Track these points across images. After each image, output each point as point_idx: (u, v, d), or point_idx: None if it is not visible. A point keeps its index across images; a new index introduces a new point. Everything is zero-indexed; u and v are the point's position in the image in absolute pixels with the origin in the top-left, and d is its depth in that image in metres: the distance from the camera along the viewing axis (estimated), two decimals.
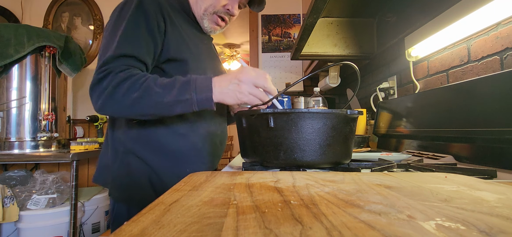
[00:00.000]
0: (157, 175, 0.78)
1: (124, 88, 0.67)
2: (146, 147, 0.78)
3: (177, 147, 0.80)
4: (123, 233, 0.19)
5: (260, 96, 0.69)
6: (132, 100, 0.67)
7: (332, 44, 1.53)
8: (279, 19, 2.53)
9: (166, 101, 0.67)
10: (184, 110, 0.69)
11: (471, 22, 0.86)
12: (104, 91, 0.67)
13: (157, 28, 0.75)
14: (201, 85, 0.69)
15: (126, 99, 0.67)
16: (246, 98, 0.69)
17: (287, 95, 1.90)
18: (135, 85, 0.67)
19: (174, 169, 0.79)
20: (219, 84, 0.69)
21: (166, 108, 0.68)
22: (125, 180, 0.78)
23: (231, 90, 0.69)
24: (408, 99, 1.08)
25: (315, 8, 1.04)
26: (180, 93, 0.68)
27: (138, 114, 0.69)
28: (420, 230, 0.20)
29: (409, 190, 0.33)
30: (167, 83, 0.69)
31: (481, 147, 0.72)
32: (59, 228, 1.69)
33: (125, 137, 0.79)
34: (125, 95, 0.67)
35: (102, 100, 0.68)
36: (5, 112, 1.75)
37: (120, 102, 0.67)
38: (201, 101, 0.68)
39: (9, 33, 1.69)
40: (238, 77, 0.69)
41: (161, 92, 0.67)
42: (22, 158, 1.70)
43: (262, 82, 0.69)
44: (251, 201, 0.28)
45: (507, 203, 0.27)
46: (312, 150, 0.53)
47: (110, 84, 0.67)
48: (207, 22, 0.88)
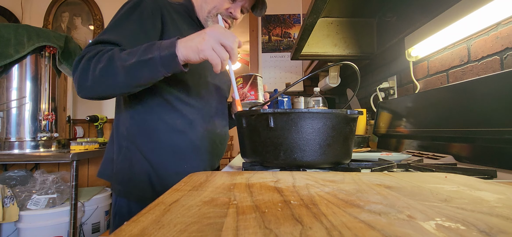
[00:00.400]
0: (156, 170, 0.79)
1: (94, 61, 0.66)
2: (146, 142, 0.80)
3: (176, 144, 0.81)
4: (123, 233, 0.19)
5: (222, 55, 0.64)
6: (99, 70, 0.65)
7: (332, 44, 1.53)
8: (279, 19, 2.53)
9: (129, 64, 0.64)
10: (151, 74, 0.65)
11: (471, 22, 0.86)
12: (79, 72, 0.67)
13: (153, 27, 0.76)
14: (166, 43, 0.65)
15: (95, 70, 0.65)
16: (208, 52, 0.63)
17: (287, 95, 1.90)
18: (102, 57, 0.66)
19: (173, 165, 0.80)
20: (185, 40, 0.65)
21: (132, 72, 0.65)
22: (126, 174, 0.80)
23: (195, 43, 0.64)
24: (408, 99, 1.08)
25: (315, 8, 1.04)
26: (143, 53, 0.65)
27: (109, 86, 0.67)
28: (420, 230, 0.20)
29: (409, 190, 0.33)
30: (133, 49, 0.67)
31: (481, 147, 0.72)
32: (59, 228, 1.69)
33: (128, 133, 0.81)
34: (94, 67, 0.66)
35: (78, 80, 0.68)
36: (5, 112, 1.75)
37: (91, 75, 0.66)
38: (165, 58, 0.64)
39: (9, 33, 1.69)
40: (206, 31, 0.65)
41: (125, 57, 0.65)
42: (22, 158, 1.70)
43: (230, 42, 0.64)
44: (251, 201, 0.28)
45: (507, 203, 0.27)
46: (312, 150, 0.53)
47: (83, 63, 0.67)
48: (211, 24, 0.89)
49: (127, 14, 0.75)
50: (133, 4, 0.76)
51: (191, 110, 0.84)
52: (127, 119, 0.82)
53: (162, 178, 0.79)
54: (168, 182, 0.78)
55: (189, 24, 0.89)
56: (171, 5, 0.86)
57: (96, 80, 0.66)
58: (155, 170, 0.79)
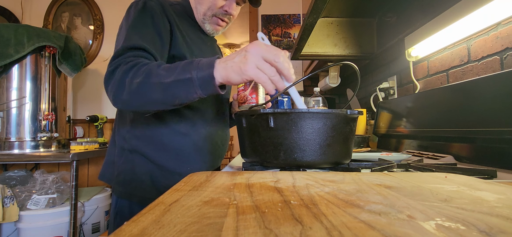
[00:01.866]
0: (160, 172, 0.80)
1: (130, 75, 0.65)
2: (149, 145, 0.80)
3: (179, 146, 0.82)
4: (123, 233, 0.19)
5: (269, 72, 0.58)
6: (136, 85, 0.64)
7: (332, 44, 1.53)
8: (279, 19, 2.53)
9: (167, 82, 0.62)
10: (187, 94, 0.63)
11: (471, 22, 0.86)
12: (115, 83, 0.66)
13: (164, 26, 0.77)
14: (204, 63, 0.62)
15: (132, 85, 0.64)
16: (252, 72, 0.57)
17: (287, 95, 1.90)
18: (140, 70, 0.65)
19: (176, 167, 0.81)
20: (225, 60, 0.61)
21: (169, 91, 0.63)
22: (128, 176, 0.80)
23: (236, 63, 0.59)
24: (408, 99, 1.08)
25: (315, 8, 1.04)
26: (182, 72, 0.62)
27: (145, 102, 0.65)
28: (420, 230, 0.20)
29: (409, 190, 0.33)
30: (171, 65, 0.65)
31: (481, 147, 0.72)
32: (59, 228, 1.69)
33: (130, 136, 0.81)
34: (131, 82, 0.64)
35: (113, 91, 0.66)
36: (5, 112, 1.75)
37: (127, 90, 0.65)
38: (203, 79, 0.61)
39: (9, 33, 1.69)
40: (246, 49, 0.60)
41: (163, 74, 0.63)
42: (22, 158, 1.70)
43: (273, 56, 0.58)
44: (251, 201, 0.28)
45: (507, 203, 0.27)
46: (312, 150, 0.53)
47: (119, 74, 0.66)
48: (208, 25, 0.89)
49: (139, 18, 0.74)
50: (140, 7, 0.75)
51: (193, 112, 0.84)
52: (128, 122, 0.83)
53: (165, 179, 0.80)
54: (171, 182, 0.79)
55: (188, 23, 0.89)
56: (170, 5, 0.86)
57: (133, 95, 0.64)
58: (160, 172, 0.80)
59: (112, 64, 0.68)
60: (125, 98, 0.65)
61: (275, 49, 0.59)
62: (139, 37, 0.71)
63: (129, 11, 0.77)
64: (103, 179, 0.86)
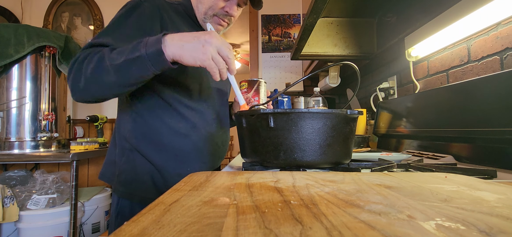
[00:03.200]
0: (160, 173, 0.80)
1: (86, 62, 0.66)
2: (149, 145, 0.80)
3: (179, 147, 0.82)
4: (123, 233, 0.19)
5: (221, 66, 0.64)
6: (90, 71, 0.65)
7: (332, 44, 1.53)
8: (279, 19, 2.53)
9: (118, 63, 0.63)
10: (140, 71, 0.64)
11: (471, 22, 0.86)
12: (71, 75, 0.68)
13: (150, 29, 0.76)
14: (152, 40, 0.64)
15: (87, 71, 0.65)
16: (208, 62, 0.63)
17: (287, 95, 1.90)
18: (93, 57, 0.66)
19: (176, 168, 0.81)
20: (180, 39, 0.64)
21: (122, 71, 0.64)
22: (129, 176, 0.80)
23: (194, 48, 0.63)
24: (408, 99, 1.08)
25: (315, 8, 1.04)
26: (131, 51, 0.64)
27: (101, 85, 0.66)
28: (420, 230, 0.20)
29: (409, 190, 0.33)
30: (122, 48, 0.66)
31: (481, 147, 0.72)
32: (59, 228, 1.69)
33: (131, 136, 0.82)
34: (86, 69, 0.66)
35: (71, 83, 0.68)
36: (5, 112, 1.75)
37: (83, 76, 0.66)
38: (152, 56, 0.62)
39: (9, 33, 1.69)
40: (205, 38, 0.64)
41: (114, 56, 0.64)
42: (22, 158, 1.70)
43: (227, 52, 0.65)
44: (251, 201, 0.28)
45: (507, 203, 0.27)
46: (312, 150, 0.53)
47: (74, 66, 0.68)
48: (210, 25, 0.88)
49: (124, 17, 0.75)
50: (131, 6, 0.76)
51: (194, 113, 0.84)
52: (129, 122, 0.83)
53: (165, 179, 0.80)
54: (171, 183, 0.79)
55: (189, 25, 0.89)
56: (171, 5, 0.85)
57: (88, 81, 0.66)
58: (160, 173, 0.80)
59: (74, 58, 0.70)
60: (82, 86, 0.66)
61: (228, 45, 0.66)
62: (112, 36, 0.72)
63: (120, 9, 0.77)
64: (103, 178, 0.86)
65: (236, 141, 5.60)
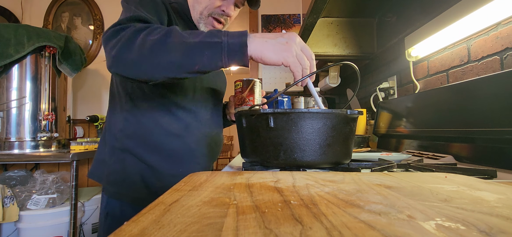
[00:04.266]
0: (152, 173, 0.79)
1: (144, 33, 0.59)
2: (142, 145, 0.79)
3: (172, 148, 0.81)
4: (123, 233, 0.19)
5: (305, 64, 0.61)
6: (151, 43, 0.58)
7: (332, 44, 1.53)
8: (279, 19, 2.53)
9: (191, 42, 0.58)
10: (210, 59, 0.59)
11: (471, 22, 0.86)
12: (121, 39, 0.60)
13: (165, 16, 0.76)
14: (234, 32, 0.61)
15: (145, 42, 0.58)
16: (292, 59, 0.60)
17: (287, 95, 1.90)
18: (156, 29, 0.60)
19: (169, 169, 0.80)
20: (262, 36, 0.61)
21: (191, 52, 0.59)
22: (119, 176, 0.79)
23: (278, 44, 0.60)
24: (408, 99, 1.08)
25: (315, 8, 1.04)
26: (209, 35, 0.60)
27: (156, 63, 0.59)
28: (420, 230, 0.20)
29: (409, 190, 0.33)
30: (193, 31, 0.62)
31: (481, 147, 0.72)
32: (59, 228, 1.69)
33: (122, 135, 0.80)
34: (144, 38, 0.59)
35: (119, 47, 0.59)
36: (5, 112, 1.75)
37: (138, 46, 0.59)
38: (233, 46, 0.59)
39: (9, 33, 1.69)
40: (289, 36, 0.61)
41: (186, 35, 0.60)
42: (22, 158, 1.70)
43: (310, 52, 0.62)
44: (251, 201, 0.28)
45: (507, 203, 0.27)
46: (312, 150, 0.53)
47: (128, 32, 0.60)
48: (204, 26, 0.86)
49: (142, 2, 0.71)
50: None
51: (187, 114, 0.83)
52: (120, 121, 0.81)
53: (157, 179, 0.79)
54: (163, 183, 0.79)
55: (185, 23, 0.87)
56: (169, 2, 0.84)
57: (145, 54, 0.58)
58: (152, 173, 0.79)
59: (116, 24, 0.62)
60: (132, 57, 0.59)
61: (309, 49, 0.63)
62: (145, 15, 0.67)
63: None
64: (92, 177, 0.85)
65: (236, 141, 5.60)
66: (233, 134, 5.81)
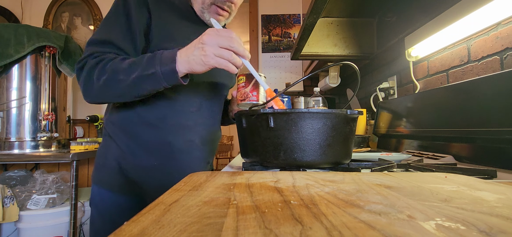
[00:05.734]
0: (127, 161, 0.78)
1: (96, 73, 0.69)
2: (121, 133, 0.80)
3: (147, 138, 0.78)
4: (123, 233, 0.19)
5: (229, 57, 0.64)
6: (103, 82, 0.68)
7: (332, 44, 1.53)
8: (279, 19, 2.53)
9: (132, 78, 0.66)
10: (154, 86, 0.67)
11: (471, 22, 0.86)
12: (83, 80, 0.71)
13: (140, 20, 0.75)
14: (166, 57, 0.66)
15: (99, 82, 0.68)
16: (213, 61, 0.63)
17: (287, 95, 1.90)
18: (104, 67, 0.68)
19: (144, 161, 0.78)
20: (185, 53, 0.65)
21: (134, 86, 0.67)
22: (101, 160, 0.82)
23: (196, 56, 0.64)
24: (408, 99, 1.08)
25: (315, 8, 1.04)
26: (146, 67, 0.66)
27: (115, 96, 0.70)
28: (420, 230, 0.20)
29: (409, 190, 0.33)
30: (135, 60, 0.68)
31: (481, 147, 0.72)
32: (59, 228, 1.69)
33: (108, 122, 0.83)
34: (97, 79, 0.68)
35: (82, 88, 0.72)
36: (5, 112, 1.75)
37: (94, 87, 0.69)
38: (167, 73, 0.65)
39: (9, 33, 1.69)
40: (201, 40, 0.64)
41: (127, 69, 0.67)
42: (22, 158, 1.70)
43: (228, 42, 0.63)
44: (251, 201, 0.28)
45: (507, 203, 0.27)
46: (312, 150, 0.53)
47: (86, 71, 0.70)
48: (208, 15, 0.83)
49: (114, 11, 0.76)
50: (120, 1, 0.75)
51: (166, 104, 0.79)
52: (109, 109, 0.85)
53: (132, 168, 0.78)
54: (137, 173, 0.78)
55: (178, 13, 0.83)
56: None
57: (101, 90, 0.69)
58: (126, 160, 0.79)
59: (80, 62, 0.72)
60: (94, 92, 0.70)
61: (227, 34, 0.64)
62: (107, 30, 0.74)
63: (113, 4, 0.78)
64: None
65: (236, 141, 5.60)
66: (233, 134, 5.81)
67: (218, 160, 5.37)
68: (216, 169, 4.57)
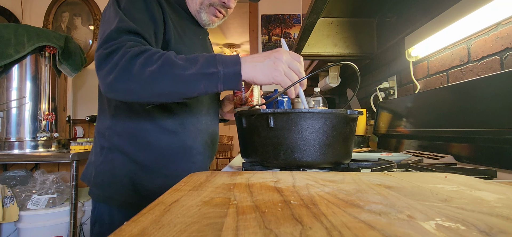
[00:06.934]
0: (143, 173, 0.75)
1: (140, 61, 0.60)
2: (133, 143, 0.75)
3: (166, 145, 0.77)
4: (123, 233, 0.19)
5: (293, 78, 0.64)
6: (150, 73, 0.59)
7: (332, 44, 1.53)
8: (279, 19, 2.53)
9: (188, 74, 0.60)
10: (207, 87, 0.61)
11: (471, 22, 0.86)
12: (117, 66, 0.59)
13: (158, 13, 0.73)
14: (228, 60, 0.63)
15: (143, 72, 0.59)
16: (281, 78, 0.63)
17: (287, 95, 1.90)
18: (152, 57, 0.60)
19: (162, 168, 0.76)
20: (252, 60, 0.63)
21: (189, 83, 0.60)
22: (107, 177, 0.74)
23: (266, 66, 0.63)
24: (408, 99, 1.08)
25: (315, 8, 1.04)
26: (205, 65, 0.61)
27: (156, 92, 0.61)
28: (420, 230, 0.20)
29: (409, 190, 0.33)
30: (190, 57, 0.63)
31: (481, 147, 0.72)
32: (59, 228, 1.69)
33: (111, 133, 0.76)
34: (142, 68, 0.59)
35: (115, 75, 0.59)
36: (5, 112, 1.75)
37: (136, 76, 0.59)
38: (228, 76, 0.61)
39: (9, 33, 1.69)
40: (275, 56, 0.64)
41: (183, 64, 0.60)
42: (22, 158, 1.70)
43: (298, 67, 0.65)
44: (251, 201, 0.28)
45: (507, 203, 0.27)
46: (312, 150, 0.53)
47: (123, 57, 0.59)
48: (205, 15, 0.85)
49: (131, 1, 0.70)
50: None
51: (182, 108, 0.79)
52: (108, 118, 0.77)
53: (149, 181, 0.75)
54: (156, 185, 0.75)
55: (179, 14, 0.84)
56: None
57: (143, 84, 0.60)
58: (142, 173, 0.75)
59: (107, 46, 0.61)
60: (131, 87, 0.60)
61: (298, 59, 0.66)
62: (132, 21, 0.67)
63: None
64: (84, 180, 0.81)
65: (236, 141, 5.60)
66: (233, 134, 5.80)
67: (218, 160, 5.37)
68: (216, 169, 4.57)
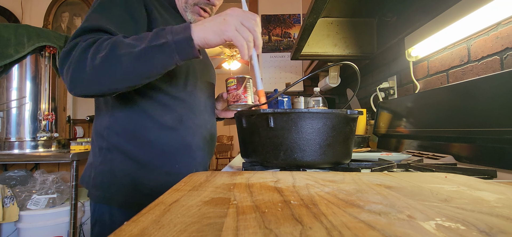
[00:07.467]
0: (144, 172, 0.74)
1: (92, 50, 0.58)
2: (132, 142, 0.73)
3: (166, 142, 0.76)
4: (123, 233, 0.19)
5: (247, 38, 0.60)
6: (101, 59, 0.57)
7: (332, 44, 1.53)
8: (279, 19, 2.53)
9: (139, 50, 0.57)
10: (164, 60, 0.59)
11: (471, 22, 0.86)
12: (72, 62, 0.59)
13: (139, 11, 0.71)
14: (178, 28, 0.60)
15: (95, 60, 0.57)
16: (232, 33, 0.59)
17: (287, 95, 1.90)
18: (102, 44, 0.58)
19: (163, 166, 0.75)
20: (202, 22, 0.61)
21: (142, 59, 0.58)
22: (107, 178, 0.73)
23: (216, 24, 0.59)
24: (408, 99, 1.08)
25: (315, 8, 1.04)
26: (155, 38, 0.58)
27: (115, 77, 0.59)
28: (420, 230, 0.20)
29: (409, 190, 0.33)
30: (140, 36, 0.61)
31: (481, 147, 0.72)
32: (59, 228, 1.69)
33: (109, 133, 0.74)
34: (93, 56, 0.57)
35: (72, 70, 0.59)
36: (5, 112, 1.75)
37: (89, 65, 0.57)
38: (180, 43, 0.58)
39: (9, 33, 1.69)
40: (226, 12, 0.61)
41: (132, 43, 0.58)
42: (22, 158, 1.70)
43: (252, 24, 0.61)
44: (251, 201, 0.28)
45: (507, 203, 0.27)
46: (312, 150, 0.53)
47: (77, 51, 0.59)
48: (190, 14, 0.84)
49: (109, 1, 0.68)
50: None
51: (181, 104, 0.78)
52: (106, 118, 0.76)
53: (150, 179, 0.74)
54: (157, 183, 0.74)
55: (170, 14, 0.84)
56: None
57: (97, 72, 0.58)
58: (143, 171, 0.73)
59: (68, 45, 0.61)
60: (87, 77, 0.58)
61: (253, 16, 0.61)
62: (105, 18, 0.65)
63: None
64: (82, 183, 0.79)
65: (236, 141, 5.60)
66: (233, 134, 5.80)
67: (218, 160, 5.37)
68: (216, 169, 4.57)
